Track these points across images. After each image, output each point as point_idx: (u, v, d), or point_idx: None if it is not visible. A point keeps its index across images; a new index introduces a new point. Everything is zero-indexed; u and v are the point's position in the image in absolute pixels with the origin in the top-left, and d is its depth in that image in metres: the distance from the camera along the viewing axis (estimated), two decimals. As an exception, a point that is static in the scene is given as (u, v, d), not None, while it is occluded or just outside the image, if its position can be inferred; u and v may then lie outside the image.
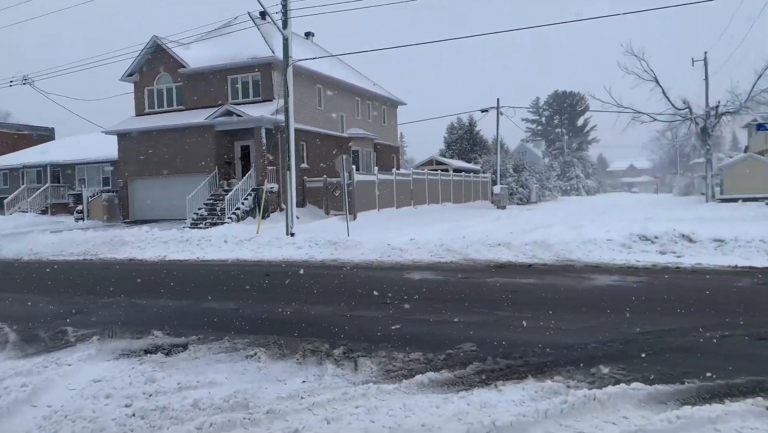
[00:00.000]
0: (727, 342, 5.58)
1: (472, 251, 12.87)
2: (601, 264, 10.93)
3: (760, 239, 11.13)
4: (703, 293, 8.01)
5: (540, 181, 54.65)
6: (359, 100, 33.59)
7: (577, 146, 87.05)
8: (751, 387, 4.34)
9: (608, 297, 8.07)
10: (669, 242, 11.78)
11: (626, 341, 5.69)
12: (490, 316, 6.98)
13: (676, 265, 10.41)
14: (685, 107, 35.90)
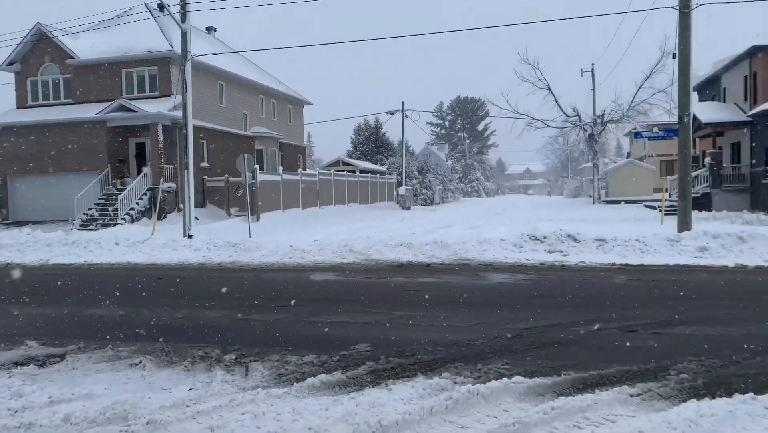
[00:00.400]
0: (602, 335, 6.00)
1: (374, 251, 12.99)
2: (494, 263, 11.41)
3: (635, 239, 12.08)
4: (584, 290, 8.58)
5: (443, 183, 56.27)
6: (264, 98, 32.97)
7: (477, 150, 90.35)
8: (619, 376, 4.69)
9: (498, 294, 8.44)
10: (556, 241, 12.50)
11: (512, 337, 5.96)
12: (386, 316, 7.08)
13: (562, 263, 11.09)
14: (575, 115, 38.31)
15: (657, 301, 7.52)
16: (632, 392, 4.31)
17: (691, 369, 4.79)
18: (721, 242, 11.38)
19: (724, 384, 4.45)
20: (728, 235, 11.56)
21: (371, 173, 42.87)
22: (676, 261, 10.78)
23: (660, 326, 6.23)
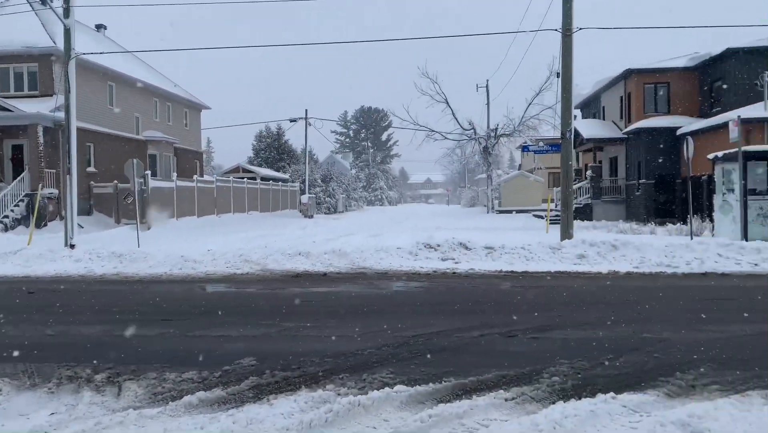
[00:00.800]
0: (485, 340, 6.23)
1: (271, 261, 12.75)
2: (389, 271, 11.56)
3: (521, 246, 12.71)
4: (472, 296, 8.89)
5: (347, 192, 56.46)
6: (158, 101, 31.51)
7: (381, 159, 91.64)
8: (496, 381, 4.88)
9: (391, 303, 8.55)
10: (449, 249, 12.90)
11: (400, 345, 6.05)
12: (275, 327, 6.94)
13: (453, 270, 11.45)
14: (470, 128, 39.92)
15: (537, 306, 7.94)
16: (507, 397, 4.50)
17: (562, 372, 5.08)
18: (597, 250, 12.24)
19: (590, 385, 4.75)
20: (603, 243, 12.46)
21: (273, 181, 42.16)
22: (557, 268, 11.46)
23: (538, 330, 6.58)
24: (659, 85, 27.27)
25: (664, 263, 11.49)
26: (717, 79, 25.22)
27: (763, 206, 14.73)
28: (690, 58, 26.84)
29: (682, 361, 5.31)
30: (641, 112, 27.17)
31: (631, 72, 27.37)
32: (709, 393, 4.50)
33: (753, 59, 23.16)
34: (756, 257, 11.56)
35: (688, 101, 26.85)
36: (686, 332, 6.37)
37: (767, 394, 4.42)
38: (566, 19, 15.60)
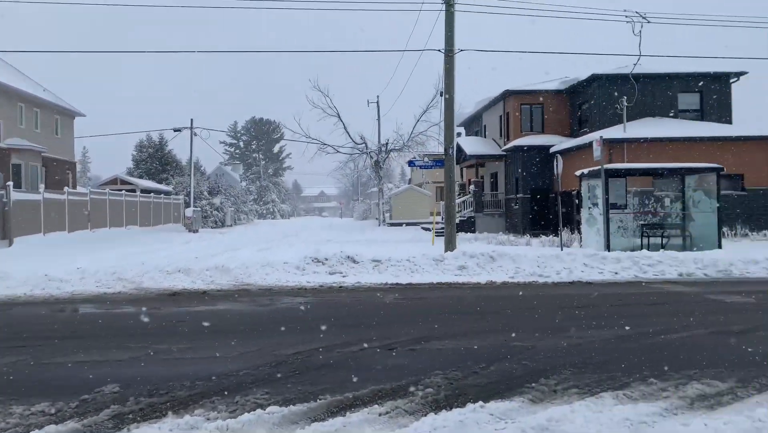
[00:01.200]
0: (365, 355, 6.24)
1: (147, 279, 12.04)
2: (275, 287, 11.32)
3: (407, 259, 12.98)
4: (356, 310, 8.91)
5: (236, 205, 54.89)
6: (24, 106, 28.94)
7: (273, 172, 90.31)
8: (372, 396, 4.88)
9: (273, 320, 8.34)
10: (337, 263, 12.89)
11: (278, 364, 5.89)
12: (145, 351, 6.52)
13: (340, 284, 11.44)
14: (362, 142, 40.38)
15: (418, 318, 8.10)
16: (381, 411, 4.51)
17: (436, 383, 5.19)
18: (477, 261, 12.78)
19: (462, 395, 4.89)
20: (482, 255, 13.03)
21: (155, 193, 40.07)
22: (439, 279, 11.81)
23: (417, 342, 6.70)
24: (534, 106, 29.18)
25: (537, 273, 12.22)
26: (584, 102, 27.44)
27: (623, 219, 16.15)
28: (561, 81, 28.99)
29: (547, 367, 5.62)
30: (518, 131, 28.90)
31: (509, 93, 29.06)
32: (568, 396, 4.79)
33: (615, 85, 25.45)
34: (616, 266, 12.61)
35: (560, 121, 28.95)
36: (552, 339, 6.77)
37: (617, 395, 4.78)
38: (448, 40, 16.27)
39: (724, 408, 4.48)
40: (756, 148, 22.81)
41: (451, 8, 16.29)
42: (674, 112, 25.66)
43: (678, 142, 22.35)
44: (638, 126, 23.99)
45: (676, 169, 16.61)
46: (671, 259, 12.93)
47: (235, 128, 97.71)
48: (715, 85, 25.84)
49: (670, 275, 12.28)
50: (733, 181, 22.42)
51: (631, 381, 5.13)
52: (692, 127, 24.05)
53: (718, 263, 12.78)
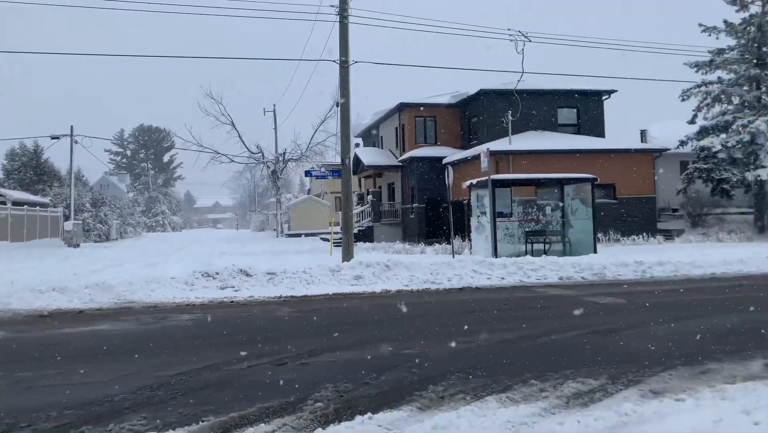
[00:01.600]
0: (254, 371, 6.03)
1: (15, 299, 10.97)
2: (161, 304, 10.73)
3: (302, 270, 12.81)
4: (248, 325, 8.64)
5: (122, 217, 51.73)
6: None
7: (163, 182, 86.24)
8: (259, 414, 4.71)
9: (156, 339, 7.88)
10: (229, 277, 12.46)
11: (160, 385, 5.55)
12: (6, 379, 5.90)
13: (232, 299, 11.05)
14: (258, 152, 39.63)
15: (311, 331, 7.99)
16: (268, 430, 4.36)
17: (326, 397, 5.11)
18: (373, 271, 12.87)
19: (352, 407, 4.85)
20: (378, 264, 13.15)
21: (29, 206, 36.80)
22: (335, 290, 11.76)
23: (309, 355, 6.59)
24: (428, 119, 30.07)
25: (430, 280, 12.52)
26: (474, 116, 28.65)
27: (509, 227, 16.97)
28: (452, 95, 30.10)
29: (436, 373, 5.72)
30: (413, 143, 29.64)
31: (403, 106, 29.75)
32: (455, 402, 4.89)
33: (501, 99, 26.81)
34: (503, 271, 13.21)
35: (452, 134, 30.03)
36: (442, 345, 6.92)
37: (501, 398, 4.96)
38: (343, 51, 16.37)
39: (596, 405, 4.77)
40: (625, 160, 24.91)
41: (345, 20, 16.41)
42: (555, 126, 27.46)
43: (558, 154, 23.91)
44: (523, 139, 25.41)
45: (555, 180, 17.74)
46: (552, 264, 13.75)
47: (121, 136, 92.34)
48: (590, 102, 27.98)
49: (551, 279, 13.05)
50: (606, 191, 24.33)
51: (514, 384, 5.34)
52: (570, 140, 25.85)
53: (593, 266, 13.75)
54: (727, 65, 26.15)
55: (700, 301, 10.03)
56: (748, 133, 24.33)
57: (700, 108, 27.18)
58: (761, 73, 25.20)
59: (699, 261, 14.51)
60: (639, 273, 13.67)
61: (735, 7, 26.18)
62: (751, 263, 14.59)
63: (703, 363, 5.88)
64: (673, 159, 29.33)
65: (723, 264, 14.40)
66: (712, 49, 26.34)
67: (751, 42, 25.77)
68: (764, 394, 4.84)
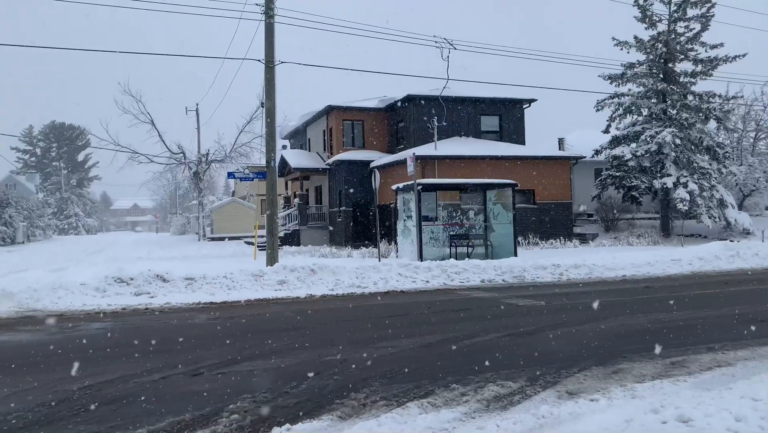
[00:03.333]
0: (166, 383, 5.71)
1: None
2: (68, 312, 10.04)
3: (223, 275, 12.38)
4: (162, 334, 8.20)
5: (30, 219, 48.42)
6: None
7: (77, 182, 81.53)
8: (170, 429, 4.44)
9: (60, 351, 7.32)
10: (144, 282, 11.85)
11: (61, 401, 5.14)
12: None
13: (146, 306, 10.51)
14: (180, 152, 38.20)
15: (230, 338, 7.69)
16: (178, 446, 4.11)
17: (243, 408, 4.90)
18: (297, 275, 12.63)
19: (270, 418, 4.67)
20: (303, 268, 12.92)
21: None
22: (258, 295, 11.43)
23: (226, 365, 6.32)
24: (356, 122, 30.05)
25: (356, 284, 12.43)
26: (401, 120, 28.89)
27: (434, 231, 17.18)
28: (380, 100, 30.24)
29: (358, 380, 5.63)
30: (341, 146, 29.51)
31: (331, 108, 29.58)
32: (376, 409, 4.81)
33: (428, 105, 27.19)
34: (427, 274, 13.32)
35: (380, 138, 30.14)
36: (365, 351, 6.84)
37: (422, 403, 4.92)
38: (269, 51, 16.02)
39: (515, 407, 4.83)
40: (544, 166, 25.88)
41: (271, 19, 16.07)
42: (478, 133, 28.16)
43: (481, 160, 24.51)
44: (448, 144, 25.87)
45: (478, 185, 18.14)
46: (475, 267, 14.01)
47: (30, 133, 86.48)
48: (511, 110, 28.90)
49: (474, 282, 13.29)
50: (526, 196, 25.18)
51: (436, 388, 5.33)
52: (493, 146, 26.58)
53: (513, 269, 14.13)
54: (637, 79, 27.76)
55: (612, 302, 10.50)
56: (655, 143, 25.89)
57: (613, 118, 28.69)
58: (667, 87, 26.90)
59: (611, 264, 15.24)
60: (556, 276, 14.17)
61: (644, 25, 27.85)
62: (658, 266, 15.49)
63: (616, 363, 6.11)
64: (589, 166, 30.79)
65: (633, 267, 15.19)
66: (625, 63, 27.90)
67: (658, 58, 27.47)
68: (671, 391, 5.07)
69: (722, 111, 27.32)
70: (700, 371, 5.79)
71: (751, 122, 31.01)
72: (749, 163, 29.99)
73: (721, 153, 27.07)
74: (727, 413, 4.23)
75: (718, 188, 26.22)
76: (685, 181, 25.46)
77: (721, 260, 16.41)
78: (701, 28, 27.19)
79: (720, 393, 4.79)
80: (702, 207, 25.29)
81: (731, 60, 26.77)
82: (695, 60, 27.55)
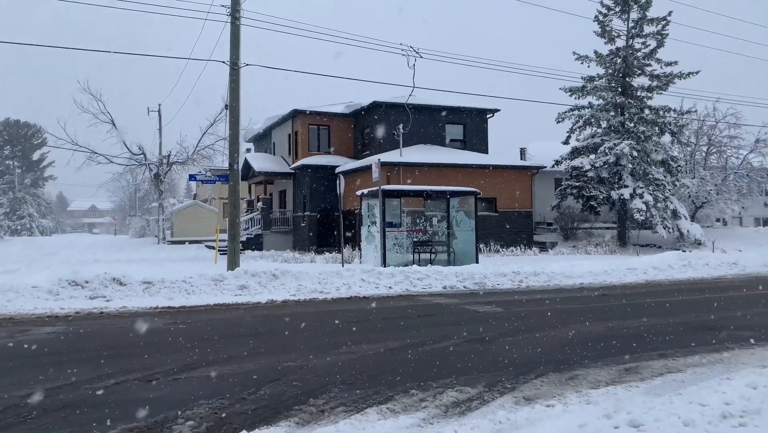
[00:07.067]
0: (120, 389, 5.55)
1: None
2: (17, 316, 9.68)
3: (182, 279, 12.14)
4: (116, 339, 8.00)
5: (-21, 219, 46.63)
6: None
7: (31, 182, 78.88)
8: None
9: (4, 356, 7.05)
10: (100, 286, 11.53)
11: (5, 409, 4.95)
12: None
13: (102, 310, 10.22)
14: (140, 153, 37.37)
15: (187, 343, 7.54)
16: (130, 453, 4.01)
17: (199, 414, 4.81)
18: (258, 280, 12.48)
19: (227, 425, 4.59)
20: (264, 273, 12.78)
21: None
22: (217, 300, 11.25)
23: (183, 370, 6.20)
24: (322, 127, 29.98)
25: (318, 290, 12.36)
26: (367, 127, 28.96)
27: (398, 237, 17.24)
28: (346, 105, 30.25)
29: (318, 386, 5.59)
30: (306, 150, 29.39)
31: (297, 112, 29.44)
32: (335, 416, 4.79)
33: (394, 112, 27.33)
34: (390, 280, 13.35)
35: (345, 143, 30.14)
36: (326, 356, 6.80)
37: (381, 409, 4.92)
38: (234, 53, 15.88)
39: (473, 413, 4.88)
40: (506, 175, 26.30)
41: (237, 21, 15.94)
42: (443, 141, 28.43)
43: (446, 168, 24.74)
44: (413, 151, 26.03)
45: (442, 192, 18.30)
46: (437, 273, 14.11)
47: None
48: (475, 119, 29.29)
49: (436, 288, 13.38)
50: (488, 204, 25.52)
51: (396, 394, 5.34)
52: (457, 155, 26.87)
53: (475, 276, 14.28)
54: (596, 92, 28.50)
55: (569, 310, 10.71)
56: (613, 155, 26.60)
57: (573, 130, 29.36)
58: (625, 101, 27.70)
59: (569, 272, 15.56)
60: (516, 283, 14.38)
61: (604, 40, 28.63)
62: (614, 274, 15.89)
63: (572, 369, 6.23)
64: (549, 176, 31.42)
65: (590, 275, 15.54)
66: (585, 77, 28.61)
67: (617, 72, 28.28)
68: (624, 397, 5.20)
69: (677, 125, 28.26)
70: (651, 377, 5.95)
71: (703, 137, 32.15)
72: (701, 176, 31.08)
73: (675, 166, 27.99)
74: (676, 418, 4.37)
75: (672, 200, 27.08)
76: (641, 192, 26.21)
77: (674, 270, 16.94)
78: (657, 44, 28.11)
79: (670, 399, 4.94)
80: (657, 218, 26.08)
81: (685, 76, 27.74)
82: (651, 75, 28.45)
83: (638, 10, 27.90)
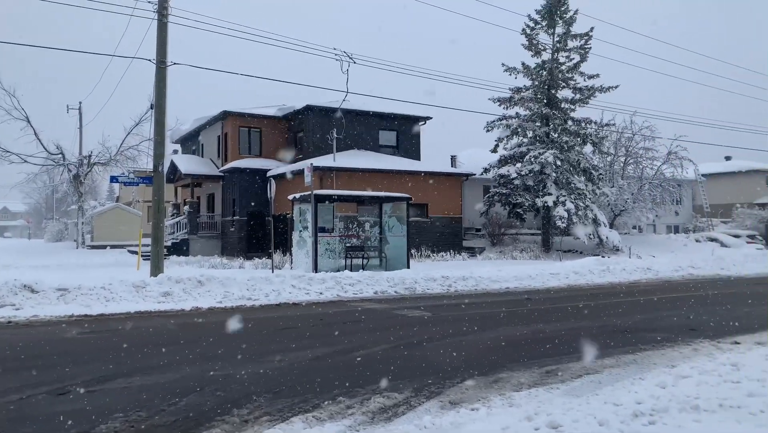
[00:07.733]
0: (26, 404, 5.20)
1: None
2: None
3: (101, 286, 11.56)
4: (22, 351, 7.50)
5: None
6: None
7: (-66, 180, 73.00)
8: (26, 455, 4.05)
9: None
10: (9, 293, 10.80)
11: None
12: None
13: (10, 319, 9.57)
14: (58, 153, 35.45)
15: (103, 354, 7.18)
16: (35, 474, 3.75)
17: (114, 428, 4.57)
18: (183, 287, 12.06)
19: (143, 438, 4.39)
20: (189, 279, 12.37)
21: None
22: (139, 308, 10.78)
23: (98, 382, 5.88)
24: (253, 130, 29.44)
25: (246, 296, 12.08)
26: (300, 130, 28.70)
27: (331, 242, 17.15)
28: (279, 108, 29.86)
29: (242, 395, 5.45)
30: (237, 153, 28.76)
31: (227, 114, 28.79)
32: (259, 426, 4.67)
33: (327, 117, 27.22)
34: (321, 286, 13.25)
35: (278, 146, 29.72)
36: (251, 365, 6.64)
37: (307, 418, 4.85)
38: (161, 51, 15.35)
39: (399, 418, 4.89)
40: (438, 182, 26.75)
41: (165, 18, 15.42)
42: (376, 147, 28.58)
43: (379, 173, 24.88)
44: (347, 156, 26.02)
45: (375, 197, 18.38)
46: (368, 278, 14.13)
47: None
48: (408, 126, 29.65)
49: (367, 294, 13.39)
50: (420, 210, 25.86)
51: (322, 402, 5.28)
52: (390, 160, 27.09)
53: (405, 281, 14.41)
54: (523, 103, 29.51)
55: (495, 313, 10.99)
56: (538, 163, 27.60)
57: (501, 139, 30.24)
58: (550, 112, 28.83)
59: (496, 276, 15.97)
60: (445, 287, 14.62)
61: (531, 52, 29.71)
62: (539, 279, 16.45)
63: (496, 372, 6.37)
64: (478, 183, 32.20)
65: (516, 280, 16.02)
66: (513, 88, 29.57)
67: (543, 84, 29.40)
68: (545, 399, 5.37)
69: (597, 137, 29.67)
70: (571, 378, 6.17)
71: (621, 148, 33.89)
72: (620, 185, 32.74)
73: (596, 175, 29.37)
74: (592, 418, 4.54)
75: (593, 208, 28.38)
76: (563, 200, 27.31)
77: (594, 274, 17.74)
78: (580, 59, 29.45)
79: (587, 399, 5.14)
80: (578, 225, 27.25)
81: (606, 90, 29.19)
82: (575, 88, 29.76)
83: (563, 25, 29.12)
